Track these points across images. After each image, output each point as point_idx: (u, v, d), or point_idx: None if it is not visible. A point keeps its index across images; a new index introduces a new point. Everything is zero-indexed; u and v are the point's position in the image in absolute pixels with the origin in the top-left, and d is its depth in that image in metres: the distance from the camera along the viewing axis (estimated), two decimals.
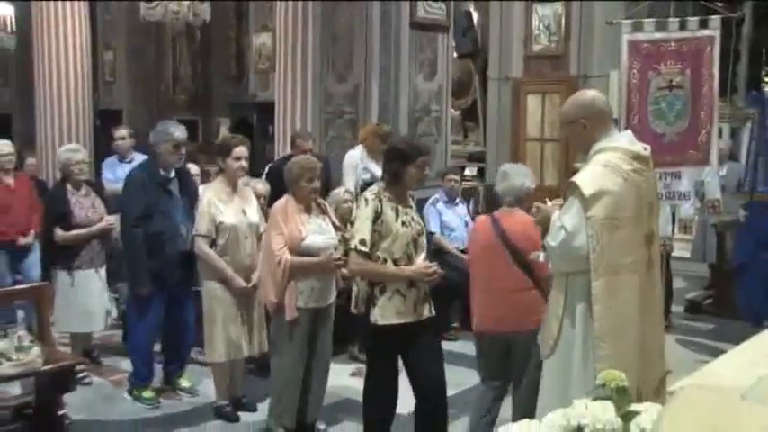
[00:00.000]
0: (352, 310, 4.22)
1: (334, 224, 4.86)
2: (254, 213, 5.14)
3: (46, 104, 10.26)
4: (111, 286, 6.12)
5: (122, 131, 7.77)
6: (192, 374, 5.71)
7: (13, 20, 12.92)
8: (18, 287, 6.03)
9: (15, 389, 4.84)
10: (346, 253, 4.38)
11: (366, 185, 6.54)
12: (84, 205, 5.74)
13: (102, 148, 9.67)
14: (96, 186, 6.09)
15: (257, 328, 5.13)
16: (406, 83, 8.20)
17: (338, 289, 4.91)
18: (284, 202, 4.70)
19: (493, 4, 11.34)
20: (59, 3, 10.08)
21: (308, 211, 4.71)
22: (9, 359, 4.46)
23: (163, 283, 5.26)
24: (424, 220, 6.96)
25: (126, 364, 5.84)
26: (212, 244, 4.95)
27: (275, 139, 8.49)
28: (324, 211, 4.87)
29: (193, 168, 6.63)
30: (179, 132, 5.38)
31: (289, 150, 7.24)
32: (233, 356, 5.04)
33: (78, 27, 10.28)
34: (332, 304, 4.81)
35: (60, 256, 5.74)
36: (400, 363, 4.26)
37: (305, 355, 4.66)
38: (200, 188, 5.74)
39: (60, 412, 4.80)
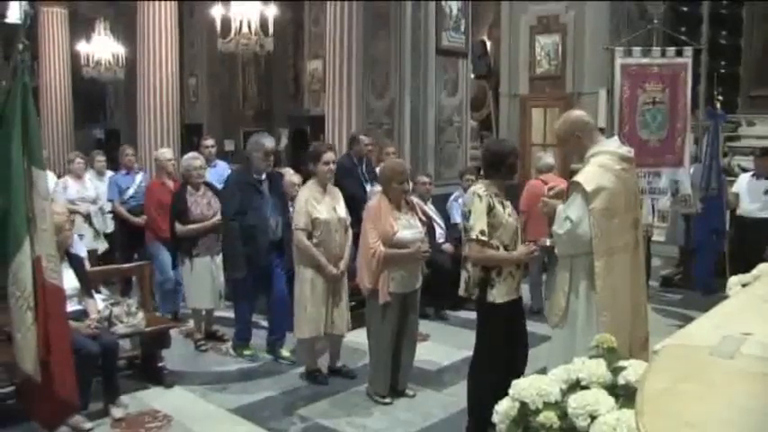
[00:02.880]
0: (461, 293, 3.92)
1: (420, 219, 4.65)
2: (342, 210, 4.92)
3: (145, 120, 10.45)
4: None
5: (208, 141, 7.74)
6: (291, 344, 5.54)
7: (123, 57, 13.36)
8: (125, 265, 6.15)
9: (127, 344, 4.98)
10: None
11: None
12: (200, 203, 5.66)
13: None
14: (214, 188, 5.95)
15: (344, 310, 4.91)
16: (433, 98, 8.15)
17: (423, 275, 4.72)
18: (378, 200, 4.52)
19: (503, 34, 11.27)
20: (156, 42, 10.27)
21: (398, 208, 4.51)
22: (122, 322, 4.60)
23: (256, 266, 5.17)
24: (447, 213, 7.06)
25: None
26: (309, 236, 4.74)
27: None
28: (412, 208, 4.64)
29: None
30: (269, 143, 5.31)
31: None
32: (319, 334, 4.82)
33: (169, 60, 10.45)
34: (418, 289, 4.63)
35: (183, 246, 5.67)
36: None
37: (395, 332, 4.53)
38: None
39: (160, 364, 4.93)
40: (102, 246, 7.27)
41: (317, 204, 4.77)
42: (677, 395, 1.28)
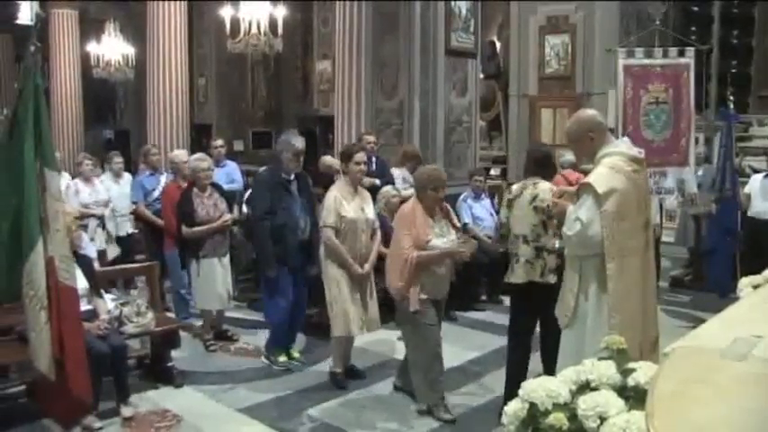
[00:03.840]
0: (536, 278, 4.07)
1: (454, 226, 4.53)
2: (370, 211, 4.91)
3: (155, 121, 10.51)
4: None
5: (218, 142, 7.73)
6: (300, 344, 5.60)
7: (133, 57, 13.45)
8: (134, 266, 6.17)
9: (136, 344, 5.01)
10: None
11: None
12: (206, 205, 5.62)
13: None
14: (220, 189, 5.92)
15: (372, 309, 4.90)
16: (442, 99, 8.14)
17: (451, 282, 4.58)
18: (411, 206, 4.39)
19: (512, 34, 11.27)
20: (166, 43, 10.33)
21: (431, 215, 4.36)
22: (131, 321, 4.63)
23: (286, 266, 5.12)
24: (457, 214, 7.06)
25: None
26: (337, 234, 4.73)
27: (335, 146, 8.55)
28: (446, 215, 4.49)
29: None
30: (299, 143, 5.20)
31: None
32: (355, 333, 4.82)
33: (179, 60, 10.50)
34: (446, 297, 4.56)
35: (189, 247, 5.63)
36: None
37: (439, 336, 4.42)
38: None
39: (169, 363, 4.95)
40: (114, 251, 7.08)
41: (346, 203, 4.75)
42: (688, 398, 1.28)
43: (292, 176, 5.22)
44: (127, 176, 7.56)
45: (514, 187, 4.42)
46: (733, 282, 3.69)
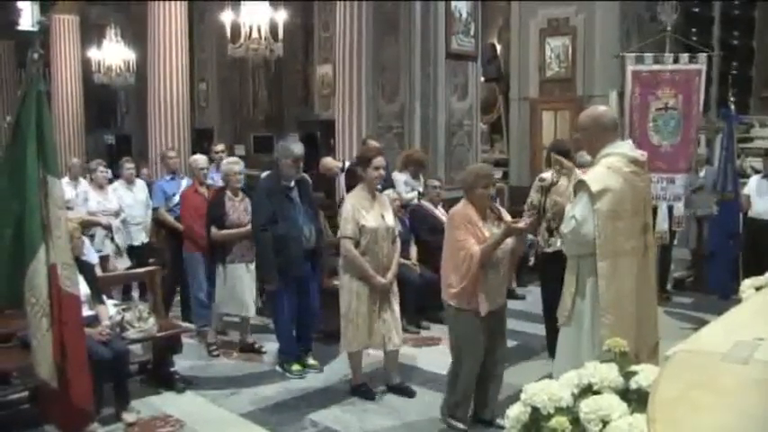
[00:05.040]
0: None
1: (506, 223, 4.12)
2: (390, 218, 4.70)
3: (156, 126, 10.53)
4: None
5: (219, 146, 7.71)
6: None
7: (134, 63, 13.49)
8: (136, 271, 6.16)
9: (139, 349, 5.00)
10: None
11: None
12: (237, 209, 5.55)
13: None
14: (250, 194, 5.71)
15: (398, 322, 4.72)
16: (443, 102, 8.14)
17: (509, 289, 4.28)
18: (463, 207, 4.06)
19: (513, 37, 11.28)
20: (167, 48, 10.37)
21: (483, 217, 4.04)
22: (133, 327, 4.63)
23: (291, 277, 5.02)
24: None
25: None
26: (355, 245, 4.53)
27: (336, 150, 8.55)
28: (498, 217, 4.14)
29: None
30: (298, 149, 5.13)
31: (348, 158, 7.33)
32: (367, 346, 4.66)
33: (179, 65, 10.53)
34: (504, 306, 4.19)
35: (216, 251, 5.56)
36: None
37: (482, 353, 4.10)
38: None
39: (172, 369, 4.95)
40: (123, 263, 6.78)
41: (365, 212, 4.57)
42: (690, 403, 1.28)
43: (292, 183, 5.15)
44: (139, 183, 7.38)
45: (546, 176, 5.03)
46: (735, 283, 3.69)
